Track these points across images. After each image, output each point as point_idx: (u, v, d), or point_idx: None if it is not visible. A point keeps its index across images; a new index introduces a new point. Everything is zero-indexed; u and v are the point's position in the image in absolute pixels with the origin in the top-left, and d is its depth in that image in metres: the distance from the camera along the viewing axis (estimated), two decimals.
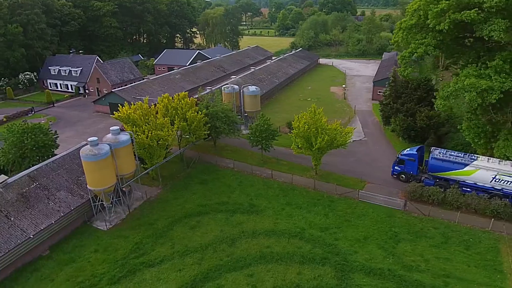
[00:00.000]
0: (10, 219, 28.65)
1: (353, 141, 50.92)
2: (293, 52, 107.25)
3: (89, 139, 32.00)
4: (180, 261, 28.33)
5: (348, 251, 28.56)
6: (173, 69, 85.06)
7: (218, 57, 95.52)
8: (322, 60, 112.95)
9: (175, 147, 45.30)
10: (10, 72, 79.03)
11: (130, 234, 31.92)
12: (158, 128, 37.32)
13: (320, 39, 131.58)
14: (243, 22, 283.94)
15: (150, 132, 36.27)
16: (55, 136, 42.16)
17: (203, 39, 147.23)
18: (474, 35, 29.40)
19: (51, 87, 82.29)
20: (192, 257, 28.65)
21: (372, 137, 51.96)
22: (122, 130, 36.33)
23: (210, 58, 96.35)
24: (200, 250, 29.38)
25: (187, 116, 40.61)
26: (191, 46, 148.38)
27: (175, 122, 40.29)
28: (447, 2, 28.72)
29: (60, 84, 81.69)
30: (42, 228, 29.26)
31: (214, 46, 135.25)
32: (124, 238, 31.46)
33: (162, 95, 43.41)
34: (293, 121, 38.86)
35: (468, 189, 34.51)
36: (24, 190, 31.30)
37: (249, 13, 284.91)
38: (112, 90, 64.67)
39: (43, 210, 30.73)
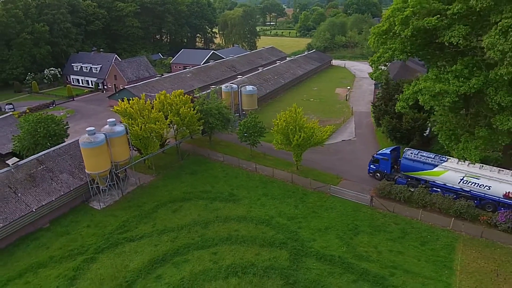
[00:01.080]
0: (18, 195, 33.43)
1: (342, 140, 53.58)
2: (306, 53, 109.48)
3: (87, 129, 36.42)
4: (157, 238, 32.10)
5: (307, 239, 31.33)
6: (187, 68, 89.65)
7: (231, 57, 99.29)
8: (335, 62, 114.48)
9: (173, 140, 49.29)
10: (37, 68, 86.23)
11: (120, 213, 36.06)
12: (152, 121, 41.38)
13: (336, 40, 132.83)
14: (268, 22, 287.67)
15: (144, 124, 40.38)
16: (66, 127, 47.18)
17: (222, 39, 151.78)
18: (436, 41, 31.35)
19: (73, 82, 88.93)
20: (168, 236, 32.34)
21: (362, 138, 53.99)
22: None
23: (224, 58, 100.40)
24: (176, 230, 33.03)
25: (180, 112, 44.46)
26: (211, 46, 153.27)
27: (169, 116, 44.21)
28: (412, 9, 30.84)
29: (81, 79, 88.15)
30: (43, 203, 33.88)
31: (232, 46, 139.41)
32: (114, 216, 35.64)
33: (175, 91, 47.34)
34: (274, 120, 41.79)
35: (438, 190, 36.31)
36: (32, 171, 36.11)
37: (273, 14, 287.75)
38: (125, 87, 69.70)
39: (46, 189, 35.39)
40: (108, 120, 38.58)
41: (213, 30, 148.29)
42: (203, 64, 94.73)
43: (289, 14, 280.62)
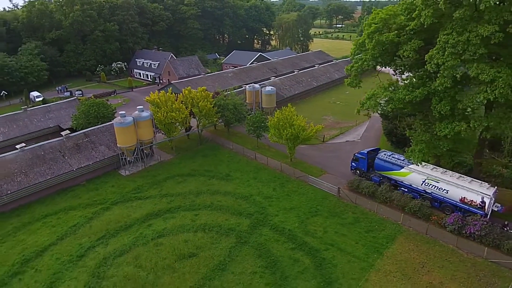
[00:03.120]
0: (65, 157, 45.03)
1: (346, 141, 58.27)
2: (350, 58, 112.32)
3: (119, 112, 46.96)
4: (158, 200, 41.25)
5: (271, 214, 37.98)
6: (235, 68, 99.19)
7: (275, 59, 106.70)
8: (385, 68, 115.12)
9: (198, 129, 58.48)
10: (106, 61, 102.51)
11: (138, 180, 46.01)
12: (174, 111, 50.84)
13: None
14: (334, 25, 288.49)
15: (166, 113, 50.00)
16: (113, 111, 58.95)
17: (277, 42, 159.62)
18: (397, 53, 35.86)
19: (136, 75, 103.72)
20: (167, 199, 41.30)
21: (366, 140, 58.09)
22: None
23: (270, 60, 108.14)
24: (174, 196, 41.87)
25: (199, 105, 53.37)
26: (267, 48, 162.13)
27: (189, 107, 53.37)
28: (376, 25, 35.84)
29: (142, 73, 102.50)
30: (82, 166, 45.07)
31: (285, 48, 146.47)
32: (133, 181, 45.68)
33: (198, 88, 56.67)
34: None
35: (406, 190, 40.26)
36: (78, 142, 47.72)
37: (340, 16, 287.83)
38: (172, 82, 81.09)
39: (86, 156, 46.65)
40: (137, 107, 48.88)
41: (270, 33, 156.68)
42: (248, 65, 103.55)
43: (356, 17, 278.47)
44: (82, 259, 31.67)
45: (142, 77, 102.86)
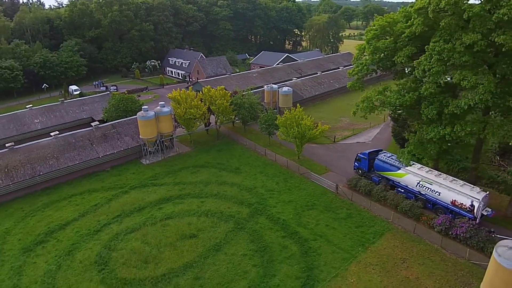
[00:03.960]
0: (93, 145, 50.56)
1: (357, 142, 59.93)
2: (352, 62, 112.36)
3: (143, 107, 51.86)
4: (172, 187, 45.53)
5: (270, 205, 41.02)
6: (262, 68, 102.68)
7: (301, 60, 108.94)
8: None
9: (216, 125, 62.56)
10: (141, 59, 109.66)
11: (156, 169, 50.66)
12: (193, 107, 55.10)
13: None
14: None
15: (185, 109, 54.37)
16: (141, 105, 64.22)
17: (307, 43, 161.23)
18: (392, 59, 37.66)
19: (168, 73, 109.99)
20: (179, 187, 45.49)
21: (377, 142, 59.38)
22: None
23: (296, 61, 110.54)
24: (186, 184, 45.98)
25: (216, 103, 57.28)
26: (299, 49, 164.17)
27: (207, 105, 57.44)
28: (375, 32, 37.93)
29: (174, 71, 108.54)
30: (107, 153, 50.39)
31: (314, 50, 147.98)
32: (151, 170, 50.39)
33: (217, 87, 60.81)
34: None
35: (402, 190, 41.86)
36: (106, 132, 53.19)
37: None
38: (198, 80, 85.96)
39: (112, 145, 51.97)
40: (159, 103, 53.60)
41: (301, 34, 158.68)
42: (274, 65, 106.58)
43: None
44: (98, 234, 36.47)
45: (173, 75, 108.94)
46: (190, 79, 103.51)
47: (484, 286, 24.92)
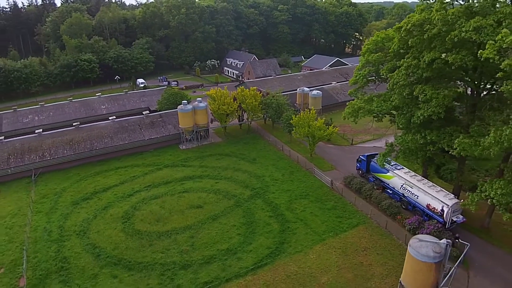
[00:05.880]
0: (141, 130, 62.32)
1: (373, 146, 63.63)
2: (354, 72, 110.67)
3: (183, 101, 62.32)
4: (196, 169, 55.09)
5: (270, 190, 48.17)
6: (309, 71, 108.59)
7: (351, 65, 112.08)
8: None
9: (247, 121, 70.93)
10: (203, 58, 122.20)
11: (189, 154, 60.77)
12: (225, 104, 64.14)
13: None
14: None
15: (219, 105, 63.64)
16: (189, 99, 75.21)
17: None
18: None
19: (225, 73, 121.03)
20: (202, 169, 54.82)
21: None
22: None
23: (347, 65, 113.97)
24: (208, 168, 55.14)
25: (247, 101, 65.59)
26: (358, 53, 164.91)
27: (238, 102, 66.04)
28: (369, 46, 42.94)
29: (230, 71, 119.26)
30: (152, 137, 61.75)
31: None
32: (185, 154, 60.61)
33: (251, 87, 69.34)
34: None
35: (390, 192, 45.99)
36: (154, 120, 64.79)
37: None
38: (244, 81, 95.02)
39: (157, 131, 63.31)
40: (197, 99, 63.64)
41: (360, 38, 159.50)
42: (324, 69, 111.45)
43: None
44: (129, 197, 47.27)
45: (229, 74, 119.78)
46: (242, 79, 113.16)
47: (402, 275, 29.49)
